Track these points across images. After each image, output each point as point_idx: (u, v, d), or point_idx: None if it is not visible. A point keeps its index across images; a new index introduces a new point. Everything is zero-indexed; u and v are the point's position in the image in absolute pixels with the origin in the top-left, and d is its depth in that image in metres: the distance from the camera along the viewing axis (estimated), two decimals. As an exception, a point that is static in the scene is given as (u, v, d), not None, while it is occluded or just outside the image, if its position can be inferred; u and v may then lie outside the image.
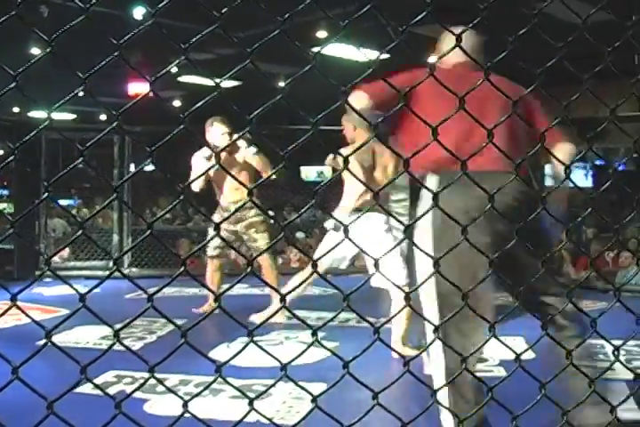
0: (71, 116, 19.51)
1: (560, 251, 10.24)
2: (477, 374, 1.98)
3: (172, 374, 4.48)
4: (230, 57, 12.85)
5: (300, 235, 12.27)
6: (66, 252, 10.33)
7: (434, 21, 1.69)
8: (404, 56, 1.70)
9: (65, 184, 11.77)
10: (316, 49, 1.62)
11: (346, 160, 1.61)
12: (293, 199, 16.28)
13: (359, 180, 1.99)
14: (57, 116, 14.16)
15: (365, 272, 7.30)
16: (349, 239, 1.64)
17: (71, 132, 10.35)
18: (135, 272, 9.97)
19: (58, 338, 5.67)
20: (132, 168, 10.39)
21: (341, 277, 7.77)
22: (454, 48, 1.68)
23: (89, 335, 5.75)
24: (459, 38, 1.70)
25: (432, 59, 3.31)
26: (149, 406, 3.94)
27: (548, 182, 18.72)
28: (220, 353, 5.17)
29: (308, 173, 21.11)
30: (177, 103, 18.48)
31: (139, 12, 11.01)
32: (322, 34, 11.94)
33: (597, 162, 19.05)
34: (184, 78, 15.57)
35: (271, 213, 12.50)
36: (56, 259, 10.66)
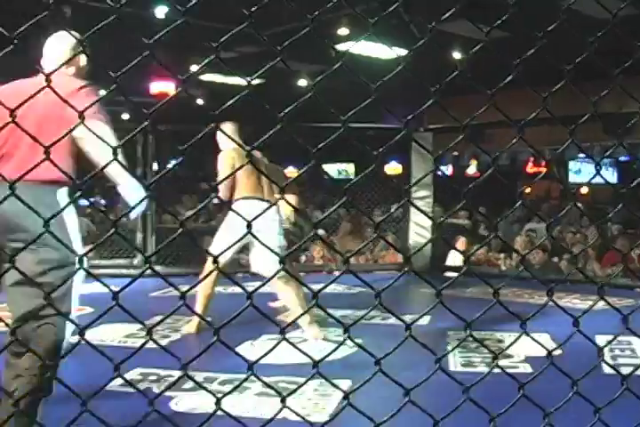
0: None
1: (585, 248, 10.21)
2: (502, 371, 1.96)
3: (196, 372, 4.49)
4: (252, 55, 12.88)
5: (321, 232, 12.27)
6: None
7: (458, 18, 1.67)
8: (428, 52, 1.69)
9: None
10: (337, 46, 1.62)
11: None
12: (316, 197, 16.30)
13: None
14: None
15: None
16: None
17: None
18: (159, 270, 9.94)
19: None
20: (155, 167, 10.42)
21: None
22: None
23: (114, 333, 5.78)
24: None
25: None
26: (175, 403, 3.95)
27: (572, 179, 18.43)
28: (245, 351, 5.17)
29: (329, 170, 21.14)
30: (199, 102, 18.53)
31: (161, 12, 11.05)
32: (343, 31, 11.91)
33: (622, 158, 18.91)
34: (206, 77, 15.59)
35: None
36: (80, 257, 10.71)
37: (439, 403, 1.76)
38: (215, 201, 10.62)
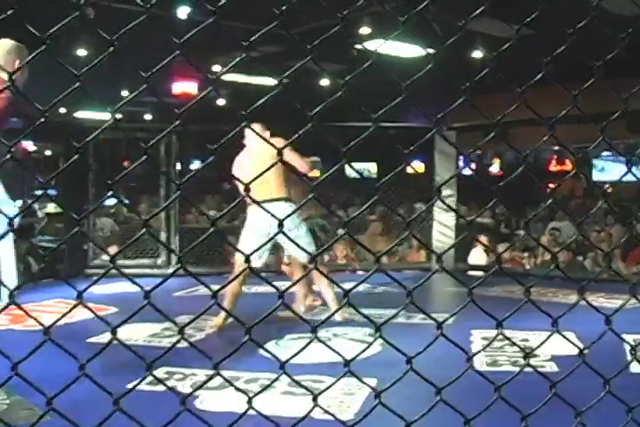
0: (117, 116, 19.64)
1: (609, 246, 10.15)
2: (528, 370, 1.95)
3: (221, 371, 4.50)
4: (275, 55, 12.89)
5: (341, 232, 12.26)
6: (113, 250, 10.43)
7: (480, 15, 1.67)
8: (450, 51, 1.68)
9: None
10: (359, 46, 1.62)
11: None
12: (340, 197, 16.29)
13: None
14: (105, 116, 14.28)
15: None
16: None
17: (117, 131, 10.48)
18: (181, 270, 10.02)
19: (109, 335, 5.74)
20: (179, 167, 10.46)
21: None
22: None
23: (139, 333, 5.80)
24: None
25: None
26: (200, 401, 3.96)
27: (597, 177, 18.32)
28: (272, 350, 5.15)
29: (351, 169, 21.03)
30: (221, 102, 18.57)
31: (183, 12, 11.08)
32: (365, 30, 11.89)
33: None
34: (228, 77, 15.62)
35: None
36: (105, 257, 10.78)
37: (466, 402, 1.75)
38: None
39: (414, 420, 1.66)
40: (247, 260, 1.59)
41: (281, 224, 1.61)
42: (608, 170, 20.12)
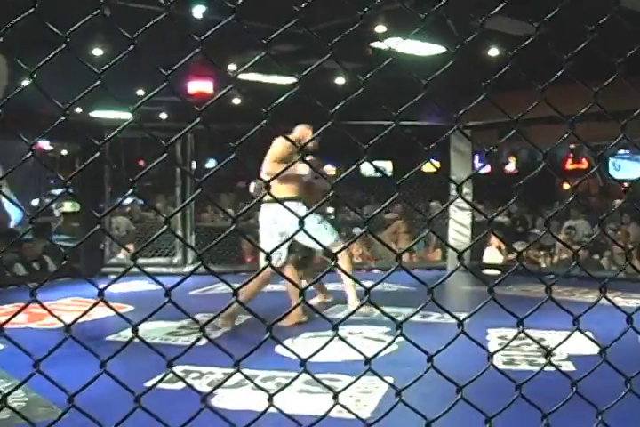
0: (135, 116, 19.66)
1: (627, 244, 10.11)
2: (547, 368, 1.95)
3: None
4: (289, 54, 12.89)
5: (356, 230, 12.24)
6: (130, 248, 10.48)
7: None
8: (466, 49, 1.68)
9: (126, 183, 11.85)
10: (374, 44, 1.62)
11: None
12: (355, 195, 16.29)
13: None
14: (120, 115, 14.32)
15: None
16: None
17: (133, 130, 10.47)
18: (199, 269, 10.04)
19: (127, 333, 5.76)
20: (194, 166, 10.50)
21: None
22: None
23: (155, 331, 5.84)
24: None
25: None
26: (217, 400, 3.97)
27: (613, 174, 18.15)
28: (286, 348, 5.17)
29: (366, 168, 21.06)
30: (236, 101, 18.57)
31: (198, 11, 11.10)
32: (380, 28, 11.88)
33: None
34: (242, 76, 15.63)
35: (331, 209, 12.48)
36: (121, 256, 10.82)
37: (484, 400, 1.75)
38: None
39: (435, 418, 1.66)
40: (268, 258, 1.59)
41: (302, 222, 1.61)
42: (624, 168, 20.03)
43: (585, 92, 1.87)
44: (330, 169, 17.59)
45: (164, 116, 20.69)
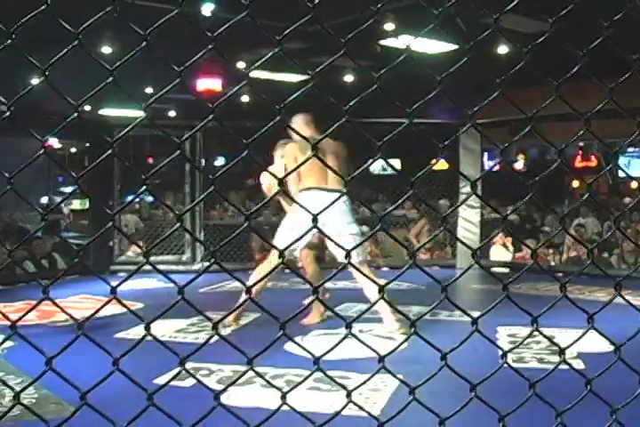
0: (142, 113, 19.69)
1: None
2: (552, 367, 1.94)
3: (245, 367, 4.50)
4: (298, 51, 12.88)
5: (364, 228, 12.24)
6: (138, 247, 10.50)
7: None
8: (478, 46, 1.67)
9: (137, 180, 11.87)
10: (383, 42, 1.62)
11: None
12: (363, 192, 16.27)
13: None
14: (130, 113, 14.34)
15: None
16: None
17: (142, 128, 10.49)
18: (204, 266, 10.08)
19: (136, 331, 5.77)
20: (203, 164, 10.52)
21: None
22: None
23: (164, 329, 5.84)
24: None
25: None
26: (226, 397, 3.97)
27: (622, 173, 18.13)
28: (295, 346, 5.17)
29: (375, 165, 21.03)
30: (245, 98, 18.56)
31: (207, 9, 11.11)
32: (389, 26, 11.86)
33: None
34: (252, 73, 15.59)
35: (365, 228, 12.49)
36: (130, 253, 10.85)
37: (494, 398, 1.75)
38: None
39: (448, 416, 1.66)
40: (281, 255, 1.59)
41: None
42: (633, 166, 19.97)
43: (597, 89, 1.86)
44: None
45: (172, 114, 20.71)
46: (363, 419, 2.83)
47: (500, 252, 11.21)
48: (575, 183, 18.49)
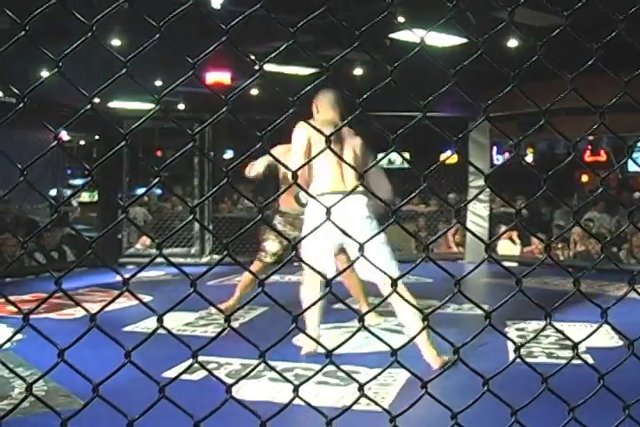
0: (152, 106, 19.69)
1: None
2: (560, 361, 1.93)
3: (255, 360, 4.50)
4: (308, 44, 12.86)
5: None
6: (148, 239, 10.52)
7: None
8: (488, 40, 1.67)
9: (145, 173, 11.91)
10: (392, 35, 1.62)
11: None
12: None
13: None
14: (139, 106, 14.33)
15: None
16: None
17: (151, 121, 10.48)
18: (216, 259, 10.08)
19: (145, 324, 5.78)
20: (212, 156, 10.53)
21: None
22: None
23: (173, 322, 5.80)
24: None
25: None
26: (235, 391, 3.97)
27: (632, 168, 18.02)
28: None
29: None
30: (254, 92, 18.53)
31: (217, 1, 11.09)
32: (399, 19, 11.81)
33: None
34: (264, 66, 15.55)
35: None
36: (138, 246, 10.86)
37: (502, 393, 1.74)
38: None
39: (461, 410, 1.65)
40: (294, 248, 1.59)
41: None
42: (643, 160, 19.87)
43: (607, 83, 1.86)
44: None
45: (181, 106, 20.70)
46: (371, 413, 2.84)
47: (507, 246, 11.20)
48: (584, 178, 18.44)
